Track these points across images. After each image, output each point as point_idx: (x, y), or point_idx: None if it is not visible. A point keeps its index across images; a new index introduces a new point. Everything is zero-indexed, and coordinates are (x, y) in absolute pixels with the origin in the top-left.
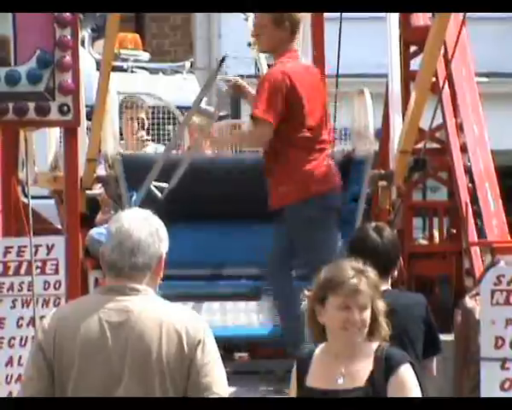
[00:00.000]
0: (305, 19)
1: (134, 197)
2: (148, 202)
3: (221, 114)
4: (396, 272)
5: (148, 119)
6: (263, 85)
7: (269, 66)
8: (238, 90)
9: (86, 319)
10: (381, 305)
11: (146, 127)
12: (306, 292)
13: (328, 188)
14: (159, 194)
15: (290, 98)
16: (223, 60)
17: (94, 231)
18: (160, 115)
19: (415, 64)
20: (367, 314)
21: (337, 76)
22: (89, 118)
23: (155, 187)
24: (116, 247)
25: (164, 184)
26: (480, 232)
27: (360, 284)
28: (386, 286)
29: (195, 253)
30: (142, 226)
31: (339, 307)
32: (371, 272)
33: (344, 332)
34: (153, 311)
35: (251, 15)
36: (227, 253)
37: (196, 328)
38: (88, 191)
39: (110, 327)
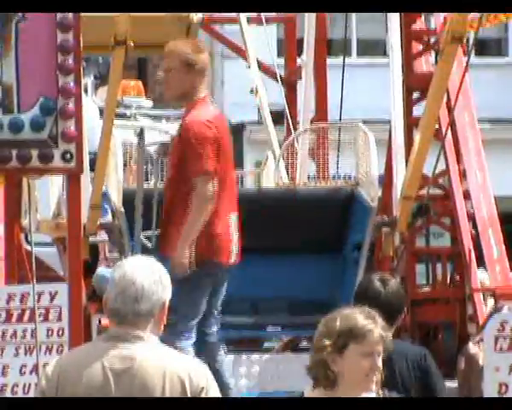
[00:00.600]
0: (308, 65)
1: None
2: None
3: None
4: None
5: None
6: (193, 143)
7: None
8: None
9: (89, 368)
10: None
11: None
12: (315, 343)
13: (222, 261)
14: (148, 244)
15: (217, 151)
16: (141, 132)
17: (102, 270)
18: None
19: (418, 110)
20: (381, 360)
21: (340, 121)
22: (92, 168)
23: (145, 237)
24: (119, 294)
25: (152, 232)
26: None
27: (381, 332)
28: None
29: None
30: (146, 274)
31: (363, 355)
32: (379, 317)
33: (365, 378)
34: (156, 359)
35: (253, 63)
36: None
37: (199, 375)
38: (91, 238)
39: (113, 375)
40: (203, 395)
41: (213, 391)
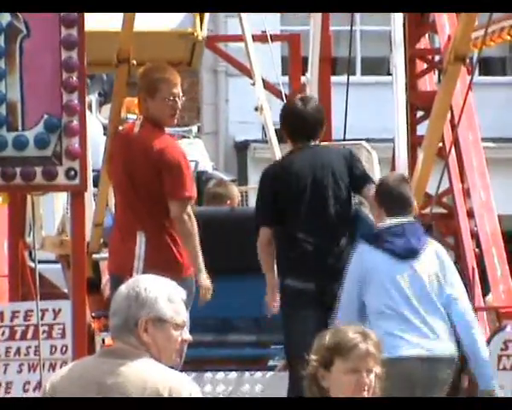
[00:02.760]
0: (312, 83)
1: None
2: None
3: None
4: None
5: None
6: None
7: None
8: None
9: (81, 381)
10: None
11: None
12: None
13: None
14: None
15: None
16: None
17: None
18: None
19: (421, 129)
20: (373, 377)
21: (344, 140)
22: (96, 184)
23: None
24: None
25: None
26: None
27: (369, 347)
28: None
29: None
30: (124, 290)
31: (348, 371)
32: (373, 334)
33: (352, 395)
34: (138, 373)
35: (258, 81)
36: (232, 311)
37: (180, 388)
38: (95, 255)
39: (102, 389)
40: None
41: None
